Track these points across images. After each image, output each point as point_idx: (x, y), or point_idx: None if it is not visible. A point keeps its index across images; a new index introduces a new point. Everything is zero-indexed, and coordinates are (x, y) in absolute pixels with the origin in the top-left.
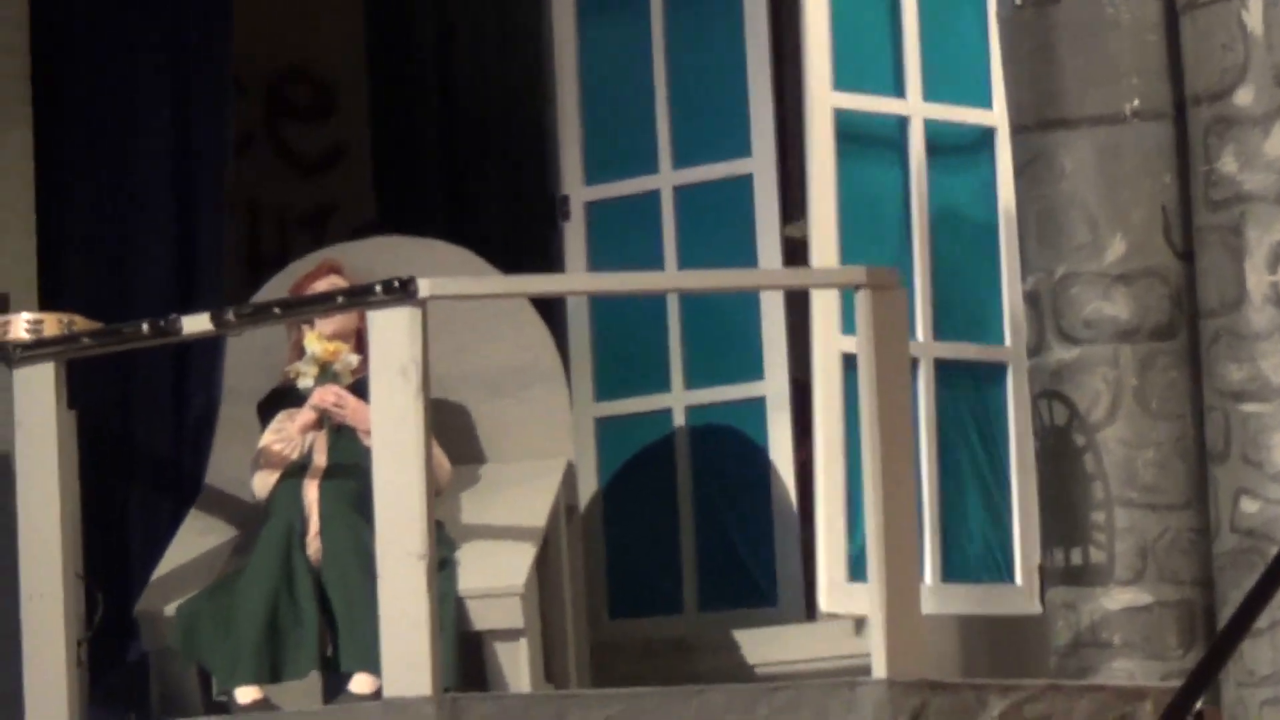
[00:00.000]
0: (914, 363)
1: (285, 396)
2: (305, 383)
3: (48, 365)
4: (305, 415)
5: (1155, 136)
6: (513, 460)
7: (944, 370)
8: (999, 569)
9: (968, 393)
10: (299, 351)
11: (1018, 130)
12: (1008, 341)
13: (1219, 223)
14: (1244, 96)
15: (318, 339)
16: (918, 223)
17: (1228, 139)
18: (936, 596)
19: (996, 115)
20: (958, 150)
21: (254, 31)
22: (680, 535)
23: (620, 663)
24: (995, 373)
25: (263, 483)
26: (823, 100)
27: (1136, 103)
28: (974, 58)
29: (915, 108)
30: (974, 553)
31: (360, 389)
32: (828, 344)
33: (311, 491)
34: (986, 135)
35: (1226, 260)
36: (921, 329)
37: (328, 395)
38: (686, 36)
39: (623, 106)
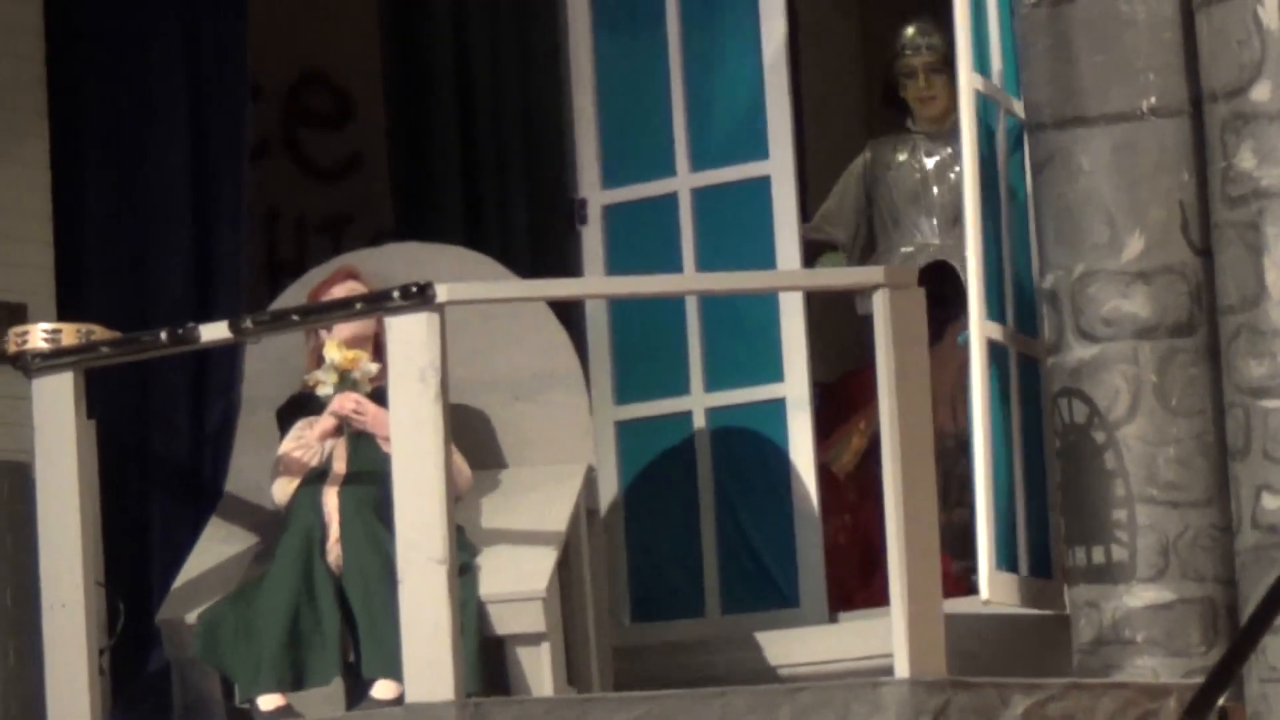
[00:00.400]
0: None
1: (304, 404)
2: (324, 390)
3: (66, 375)
4: (325, 422)
5: (1172, 133)
6: (533, 465)
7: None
8: (1042, 563)
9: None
10: (318, 359)
11: (1034, 128)
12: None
13: (1237, 219)
14: (1261, 92)
15: (337, 347)
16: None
17: (1245, 135)
18: (995, 585)
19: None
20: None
21: (271, 38)
22: (701, 538)
23: (642, 666)
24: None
25: (282, 489)
26: None
27: (1153, 100)
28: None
29: None
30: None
31: (379, 396)
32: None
33: (331, 498)
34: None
35: (1245, 256)
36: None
37: (347, 403)
38: (702, 39)
39: (639, 109)
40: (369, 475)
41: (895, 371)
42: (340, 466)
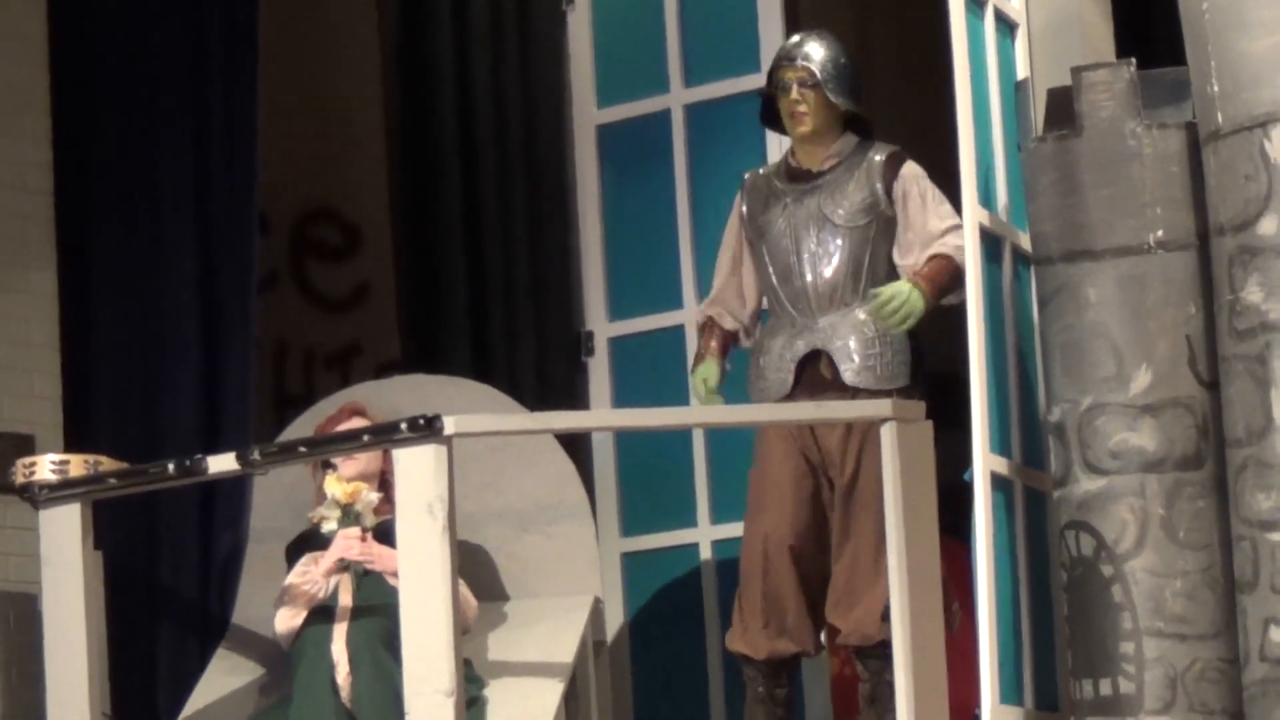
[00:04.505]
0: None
1: (311, 540)
2: (329, 526)
3: (73, 506)
4: (330, 559)
5: (1179, 267)
6: (540, 596)
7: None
8: (1048, 696)
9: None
10: (323, 496)
11: (1041, 261)
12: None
13: (1244, 352)
14: (1268, 226)
15: (337, 481)
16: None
17: (1252, 269)
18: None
19: None
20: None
21: (280, 171)
22: (708, 670)
23: None
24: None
25: (284, 620)
26: None
27: (1160, 233)
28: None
29: None
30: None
31: (387, 530)
32: (982, 464)
33: (340, 633)
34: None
35: (1252, 389)
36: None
37: (352, 546)
38: (708, 174)
39: (646, 243)
40: (376, 609)
41: (903, 506)
42: (347, 600)
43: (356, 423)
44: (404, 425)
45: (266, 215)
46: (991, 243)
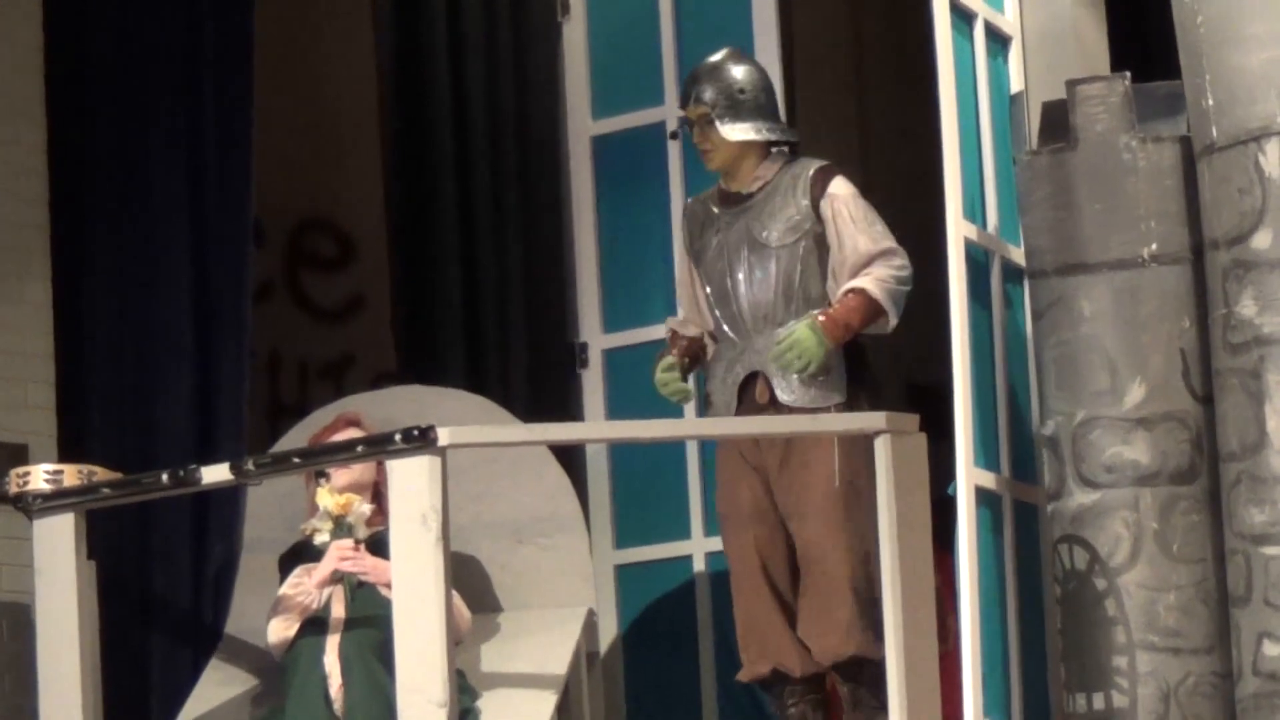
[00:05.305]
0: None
1: (305, 552)
2: (321, 538)
3: (67, 516)
4: (323, 570)
5: (1174, 280)
6: (533, 608)
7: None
8: (1040, 711)
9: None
10: (316, 507)
11: (1035, 275)
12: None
13: (1238, 366)
14: (1262, 240)
15: (329, 493)
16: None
17: (1246, 282)
18: None
19: None
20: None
21: (275, 181)
22: (701, 682)
23: None
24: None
25: (277, 630)
26: None
27: (1155, 247)
28: None
29: None
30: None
31: (380, 541)
32: (966, 478)
33: (332, 644)
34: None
35: (1246, 403)
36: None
37: (345, 558)
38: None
39: (641, 255)
40: (369, 620)
41: (896, 518)
42: (339, 611)
43: (351, 433)
44: (398, 436)
45: (261, 225)
46: (979, 256)
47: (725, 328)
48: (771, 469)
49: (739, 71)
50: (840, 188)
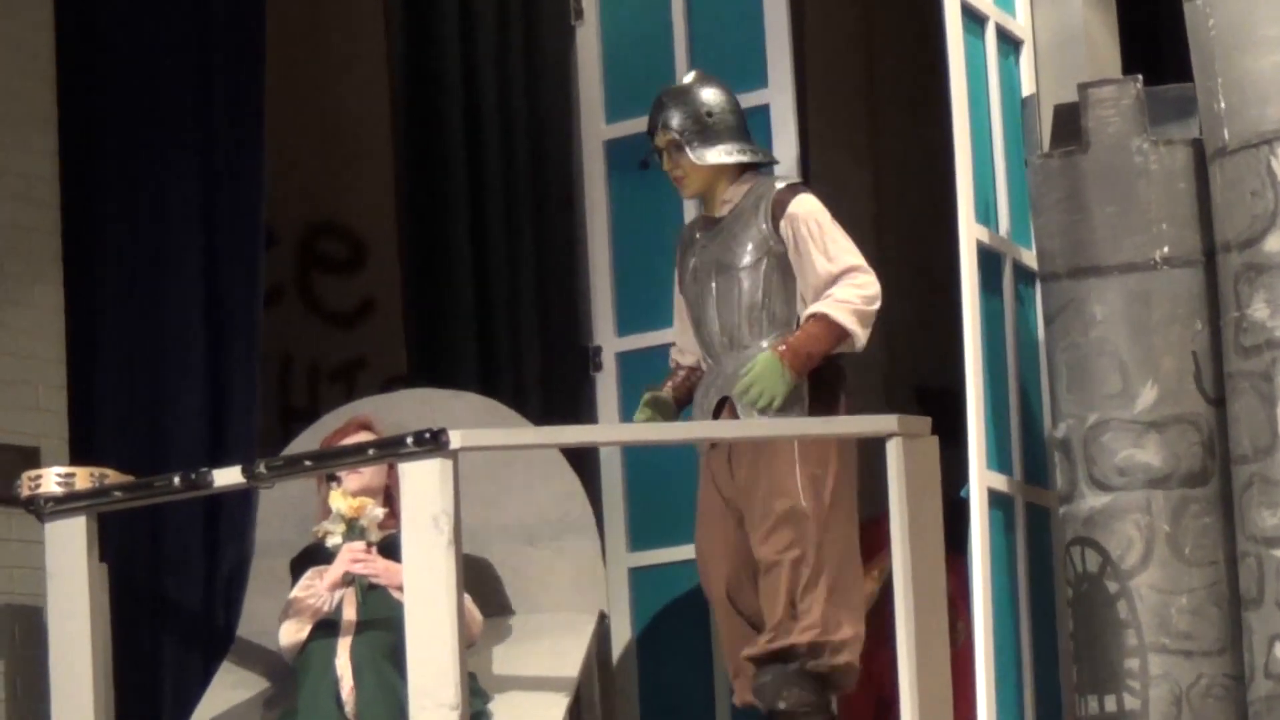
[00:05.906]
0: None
1: (316, 554)
2: (334, 540)
3: (79, 519)
4: (335, 573)
5: (1186, 283)
6: (545, 611)
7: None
8: (1053, 713)
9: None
10: (328, 510)
11: (1047, 278)
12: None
13: (1250, 369)
14: (1274, 243)
15: (341, 496)
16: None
17: (1258, 285)
18: None
19: None
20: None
21: (286, 184)
22: (715, 685)
23: None
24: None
25: (288, 633)
26: None
27: (1166, 250)
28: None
29: None
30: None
31: (392, 544)
32: (978, 480)
33: (344, 647)
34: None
35: (1258, 406)
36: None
37: (357, 561)
38: None
39: (654, 258)
40: (381, 622)
41: (909, 521)
42: (351, 614)
43: (363, 437)
44: (410, 439)
45: (273, 229)
46: (991, 260)
47: (703, 351)
48: (741, 497)
49: (706, 94)
50: (800, 207)
